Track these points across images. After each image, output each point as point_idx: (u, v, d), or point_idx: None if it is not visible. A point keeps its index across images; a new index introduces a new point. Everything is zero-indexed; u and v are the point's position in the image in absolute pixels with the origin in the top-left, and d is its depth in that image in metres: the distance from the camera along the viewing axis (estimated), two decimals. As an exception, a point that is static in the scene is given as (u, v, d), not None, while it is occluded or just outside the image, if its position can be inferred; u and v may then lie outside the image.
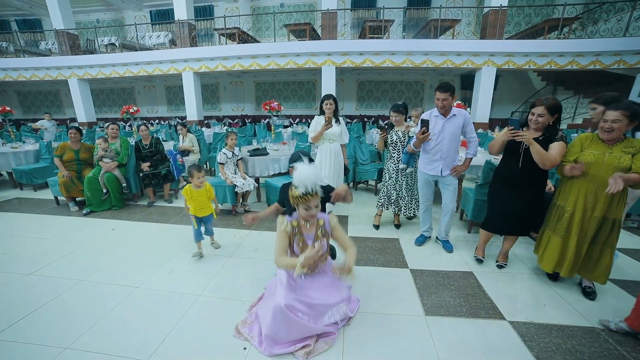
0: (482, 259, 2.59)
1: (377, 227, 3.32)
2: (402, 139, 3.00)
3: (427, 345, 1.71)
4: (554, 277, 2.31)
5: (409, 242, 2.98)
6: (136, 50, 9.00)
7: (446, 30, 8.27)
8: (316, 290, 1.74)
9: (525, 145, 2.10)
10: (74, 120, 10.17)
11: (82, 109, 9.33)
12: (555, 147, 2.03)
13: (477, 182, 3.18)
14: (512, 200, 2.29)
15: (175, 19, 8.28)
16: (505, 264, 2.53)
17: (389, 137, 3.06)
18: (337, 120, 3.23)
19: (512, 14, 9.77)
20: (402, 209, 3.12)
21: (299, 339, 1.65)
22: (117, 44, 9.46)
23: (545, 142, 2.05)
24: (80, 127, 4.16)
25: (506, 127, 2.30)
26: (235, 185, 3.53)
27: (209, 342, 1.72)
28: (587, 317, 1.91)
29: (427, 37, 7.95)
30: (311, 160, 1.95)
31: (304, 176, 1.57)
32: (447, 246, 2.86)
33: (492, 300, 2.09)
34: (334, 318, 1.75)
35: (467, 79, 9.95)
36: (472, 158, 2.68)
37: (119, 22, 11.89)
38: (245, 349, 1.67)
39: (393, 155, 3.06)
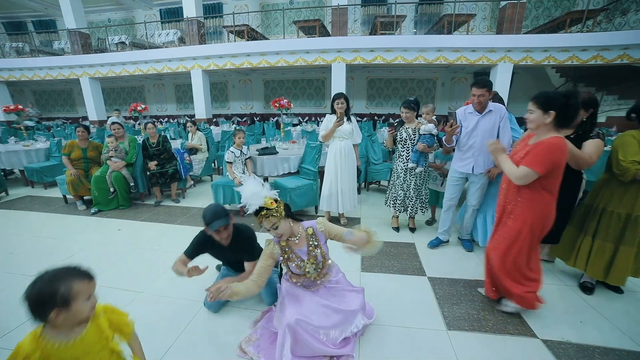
0: (506, 267, 2.41)
1: (397, 229, 3.18)
2: (412, 136, 2.84)
3: (451, 365, 1.56)
4: (589, 289, 2.11)
5: (426, 247, 2.81)
6: (146, 48, 9.02)
7: (460, 25, 7.98)
8: (327, 301, 1.61)
9: None
10: (86, 118, 10.28)
11: (93, 108, 9.41)
12: (590, 146, 1.83)
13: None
14: None
15: (184, 16, 8.24)
16: (532, 273, 2.34)
17: (398, 134, 2.91)
18: (349, 119, 3.10)
19: (530, 7, 9.38)
20: (409, 209, 2.98)
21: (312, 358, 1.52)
22: (127, 42, 9.49)
23: (577, 140, 1.86)
24: (88, 125, 4.12)
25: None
26: (244, 185, 3.42)
27: (216, 355, 1.61)
28: (637, 340, 1.70)
29: (440, 33, 7.69)
30: (227, 214, 1.72)
31: (249, 194, 1.45)
32: (467, 245, 2.74)
33: (520, 314, 1.91)
34: (354, 329, 1.61)
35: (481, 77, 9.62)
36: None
37: (130, 21, 11.97)
38: (252, 364, 1.55)
39: (402, 153, 2.91)
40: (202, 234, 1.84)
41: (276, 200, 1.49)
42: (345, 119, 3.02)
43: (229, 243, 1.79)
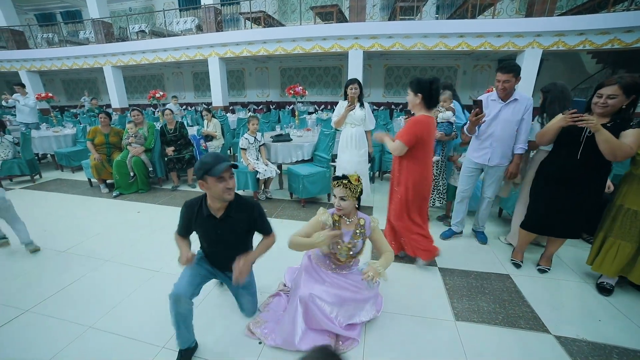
0: (521, 263, 2.33)
1: None
2: None
3: (457, 354, 1.55)
4: (606, 290, 2.00)
5: (438, 237, 2.76)
6: (164, 36, 9.16)
7: (486, 9, 7.51)
8: (342, 286, 1.64)
9: (588, 133, 1.78)
10: (109, 106, 10.69)
11: (115, 95, 9.74)
12: (632, 135, 1.67)
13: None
14: (562, 198, 1.99)
15: (202, 3, 8.26)
16: (549, 269, 2.26)
17: None
18: (362, 105, 3.04)
19: (566, -13, 8.66)
20: None
21: (320, 333, 1.56)
22: (147, 30, 9.68)
23: (614, 130, 1.70)
24: (110, 112, 4.28)
25: (561, 113, 1.98)
26: (257, 172, 3.47)
27: (224, 333, 1.68)
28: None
29: (463, 18, 7.29)
30: (235, 166, 1.45)
31: (349, 158, 1.49)
32: (481, 237, 2.68)
33: (533, 309, 1.86)
34: (362, 318, 1.64)
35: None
36: (522, 155, 2.35)
37: (149, 9, 12.15)
38: (260, 343, 1.60)
39: None
40: (187, 204, 1.54)
41: (359, 180, 1.56)
42: (358, 105, 2.97)
43: (226, 210, 1.51)
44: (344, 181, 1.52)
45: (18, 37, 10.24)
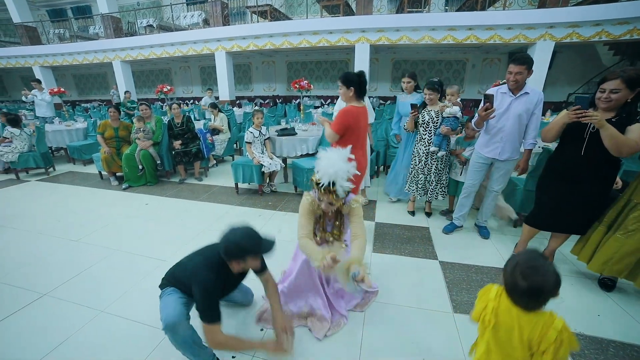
0: (523, 257, 2.32)
1: (412, 213, 3.16)
2: (435, 119, 2.75)
3: (454, 345, 1.58)
4: (608, 286, 1.98)
5: (440, 232, 2.78)
6: (172, 31, 9.22)
7: (496, 0, 7.33)
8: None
9: (592, 129, 1.76)
10: (118, 104, 10.87)
11: (124, 90, 9.90)
12: (637, 130, 1.63)
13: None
14: (567, 196, 1.96)
15: (209, -3, 8.27)
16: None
17: (420, 116, 2.82)
18: None
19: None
20: (428, 193, 2.92)
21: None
22: (154, 25, 9.75)
23: (619, 125, 1.66)
24: (120, 107, 4.37)
25: (564, 109, 1.96)
26: (262, 165, 3.52)
27: (228, 320, 1.74)
28: (656, 336, 1.61)
29: (473, 10, 7.12)
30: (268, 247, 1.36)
31: (327, 164, 1.41)
32: (484, 232, 2.67)
33: (533, 303, 1.86)
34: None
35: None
36: (531, 150, 2.33)
37: (157, 3, 12.21)
38: (262, 330, 1.66)
39: (424, 137, 2.82)
40: (216, 286, 1.31)
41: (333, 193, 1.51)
42: None
43: None
44: (331, 188, 1.42)
45: (31, 33, 10.46)
